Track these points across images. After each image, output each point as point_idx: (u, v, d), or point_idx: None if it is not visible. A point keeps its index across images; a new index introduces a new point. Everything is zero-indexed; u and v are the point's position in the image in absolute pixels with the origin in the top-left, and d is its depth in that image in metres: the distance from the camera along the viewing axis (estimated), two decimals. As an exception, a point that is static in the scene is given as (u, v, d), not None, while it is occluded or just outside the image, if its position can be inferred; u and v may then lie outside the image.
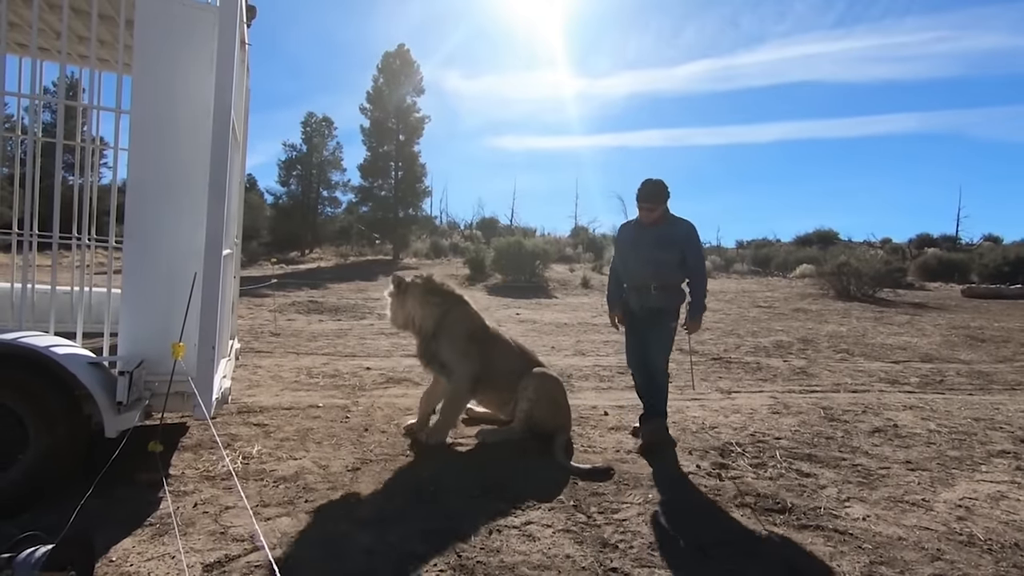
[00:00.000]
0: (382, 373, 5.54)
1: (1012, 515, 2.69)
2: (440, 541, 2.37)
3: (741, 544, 2.38)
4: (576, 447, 3.58)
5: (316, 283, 14.82)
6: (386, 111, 23.70)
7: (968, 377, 5.92)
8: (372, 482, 2.96)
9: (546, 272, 17.33)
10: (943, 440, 3.83)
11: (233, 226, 3.59)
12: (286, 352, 6.52)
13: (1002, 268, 19.64)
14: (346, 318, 9.62)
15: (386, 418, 4.06)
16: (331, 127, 26.79)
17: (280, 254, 22.23)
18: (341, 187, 26.98)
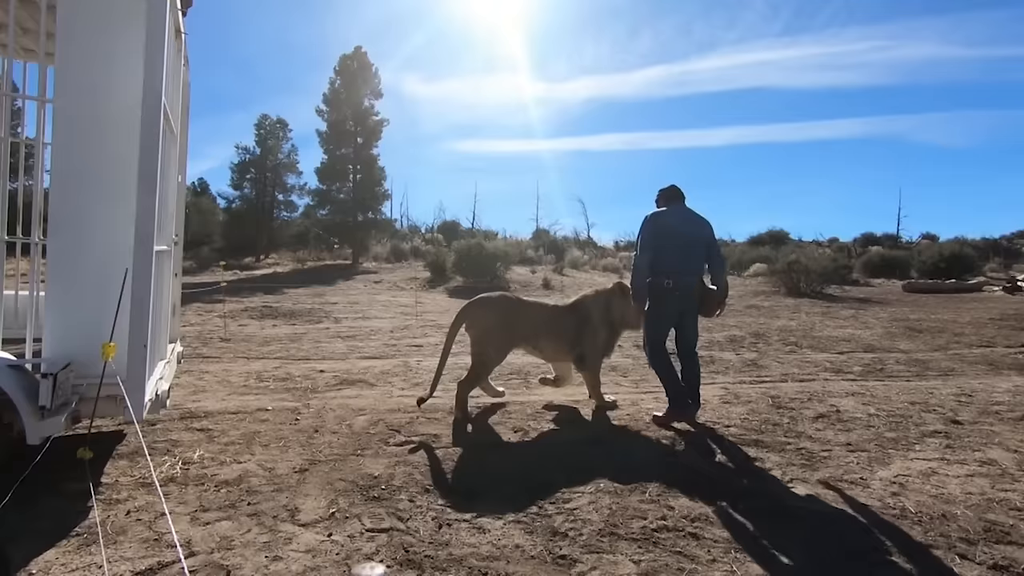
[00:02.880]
0: (336, 375, 5.42)
1: (940, 489, 2.82)
2: (387, 538, 2.32)
3: (687, 527, 2.42)
4: (531, 441, 3.58)
5: (271, 288, 14.43)
6: (344, 114, 23.33)
7: (906, 365, 6.20)
8: (320, 483, 2.88)
9: (507, 274, 17.36)
10: (881, 423, 3.99)
11: (170, 223, 3.45)
12: (236, 357, 6.31)
13: (939, 264, 20.70)
14: (301, 322, 9.39)
15: (338, 419, 3.96)
16: (286, 129, 26.22)
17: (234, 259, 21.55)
18: (297, 190, 26.43)
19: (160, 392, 2.92)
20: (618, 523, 2.45)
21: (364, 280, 17.45)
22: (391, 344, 7.40)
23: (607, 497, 2.72)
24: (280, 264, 22.78)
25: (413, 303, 11.87)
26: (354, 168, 23.48)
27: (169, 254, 3.54)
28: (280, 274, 19.20)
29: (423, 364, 6.04)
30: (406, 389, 4.94)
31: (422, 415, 4.08)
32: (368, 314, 10.74)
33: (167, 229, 3.33)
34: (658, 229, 4.03)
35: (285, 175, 26.28)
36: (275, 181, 26.04)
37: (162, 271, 3.23)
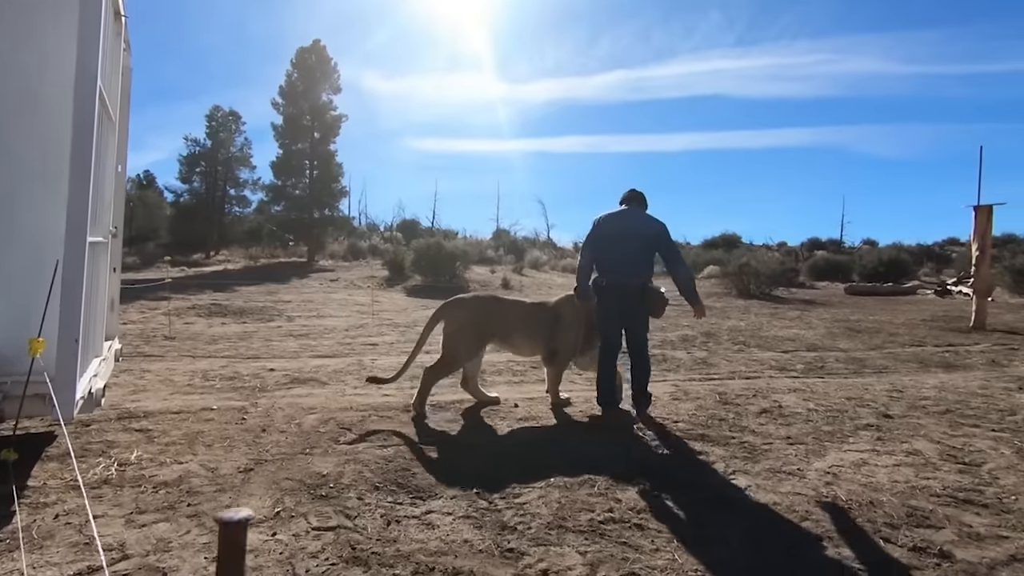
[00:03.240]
0: (287, 374, 5.29)
1: (870, 478, 2.98)
2: (334, 536, 2.29)
3: (633, 519, 2.48)
4: (484, 438, 3.59)
5: (221, 285, 13.94)
6: (300, 108, 22.75)
7: (845, 363, 6.51)
8: (266, 482, 2.81)
9: (467, 273, 17.30)
10: (819, 417, 4.18)
11: (107, 213, 3.29)
12: (180, 355, 6.08)
13: (878, 268, 21.83)
14: (252, 321, 9.12)
15: (287, 418, 3.87)
16: (239, 122, 25.38)
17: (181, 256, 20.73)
18: (251, 185, 25.61)
19: (94, 390, 2.79)
20: (566, 516, 2.49)
21: (320, 278, 17.07)
22: (345, 343, 7.27)
23: (557, 491, 2.76)
24: (231, 261, 22.04)
25: (370, 302, 11.69)
26: (311, 164, 22.92)
27: (106, 246, 3.39)
28: (231, 271, 18.57)
29: (378, 363, 5.96)
30: (359, 388, 4.87)
31: (375, 413, 4.03)
32: (323, 312, 10.52)
33: (103, 220, 3.18)
34: (597, 231, 4.19)
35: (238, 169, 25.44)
36: (227, 175, 25.17)
37: (97, 264, 3.09)
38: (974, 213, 9.84)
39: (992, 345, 7.78)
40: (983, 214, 9.73)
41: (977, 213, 9.78)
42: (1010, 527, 2.42)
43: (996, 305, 12.31)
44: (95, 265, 2.89)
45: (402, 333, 8.23)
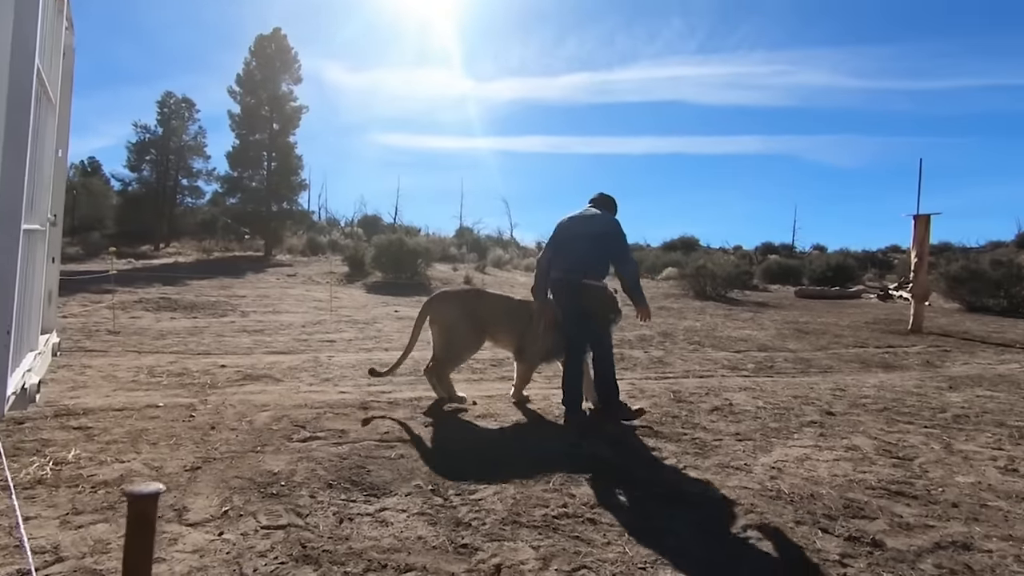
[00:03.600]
0: (239, 370, 5.14)
1: (812, 472, 3.11)
2: (284, 535, 2.24)
3: (587, 513, 2.52)
4: (442, 435, 3.57)
5: (171, 279, 13.42)
6: (259, 98, 22.09)
7: (793, 363, 6.77)
8: (213, 481, 2.72)
9: (429, 271, 17.18)
10: (767, 415, 4.33)
11: (45, 199, 3.13)
12: (125, 351, 5.83)
13: (826, 273, 22.76)
14: (203, 316, 8.82)
15: (238, 415, 3.76)
16: (193, 109, 24.40)
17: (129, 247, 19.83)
18: (205, 176, 24.66)
19: (28, 386, 2.64)
20: (521, 512, 2.51)
21: (277, 273, 16.63)
22: (302, 339, 7.12)
23: (512, 488, 2.77)
24: (182, 254, 21.22)
25: (328, 298, 11.47)
26: (269, 155, 22.30)
27: (43, 235, 3.21)
28: (182, 264, 17.89)
29: (335, 360, 5.86)
30: (315, 385, 4.78)
31: (330, 410, 3.96)
32: (279, 308, 10.27)
33: (40, 207, 3.02)
34: (556, 231, 4.25)
35: (191, 159, 24.46)
36: (179, 164, 24.18)
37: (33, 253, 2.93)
38: (913, 222, 10.37)
39: (927, 347, 8.23)
40: (922, 223, 10.28)
41: (916, 222, 10.32)
42: (936, 517, 2.57)
43: (932, 309, 13.02)
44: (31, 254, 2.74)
45: (361, 330, 8.11)
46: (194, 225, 24.35)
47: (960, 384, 5.64)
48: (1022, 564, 2.16)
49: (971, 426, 4.13)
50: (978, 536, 2.38)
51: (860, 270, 25.73)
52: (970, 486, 2.95)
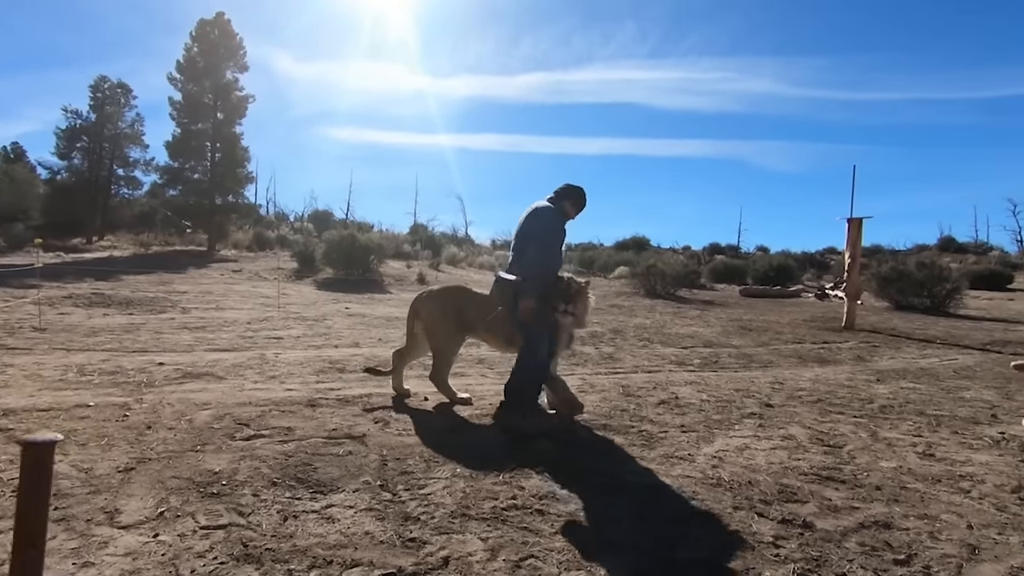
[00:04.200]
0: (178, 368, 4.93)
1: (750, 461, 3.26)
2: (224, 534, 2.17)
3: (535, 505, 2.55)
4: (392, 432, 3.54)
5: (104, 274, 12.71)
6: (202, 85, 21.17)
7: (736, 358, 7.04)
8: (149, 482, 2.61)
9: (381, 268, 16.92)
10: (711, 407, 4.49)
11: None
12: (52, 348, 5.49)
13: (769, 273, 23.79)
14: (140, 312, 8.40)
15: (176, 414, 3.61)
16: (129, 95, 23.19)
17: (58, 239, 18.64)
18: (143, 166, 23.49)
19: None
20: (470, 505, 2.52)
21: (221, 268, 16.00)
22: (247, 336, 6.88)
23: (462, 481, 2.78)
24: (118, 247, 20.12)
25: (276, 294, 11.12)
26: (213, 146, 21.41)
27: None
28: (117, 258, 16.96)
29: (282, 357, 5.70)
30: (260, 382, 4.63)
31: (276, 408, 3.85)
32: (223, 304, 9.89)
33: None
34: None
35: (127, 147, 23.23)
36: (114, 153, 22.90)
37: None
38: (847, 225, 10.96)
39: (859, 343, 8.72)
40: (854, 226, 10.87)
41: (850, 225, 10.91)
42: (861, 499, 2.74)
43: (864, 308, 13.79)
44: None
45: (310, 327, 7.91)
46: (131, 217, 23.15)
47: (886, 377, 6.01)
48: (935, 540, 2.34)
49: (895, 415, 4.41)
50: (898, 516, 2.55)
51: (800, 270, 27.03)
52: (892, 470, 3.16)
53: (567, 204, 3.94)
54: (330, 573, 1.96)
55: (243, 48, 21.91)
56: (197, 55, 21.24)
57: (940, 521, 2.51)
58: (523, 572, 2.01)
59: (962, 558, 2.19)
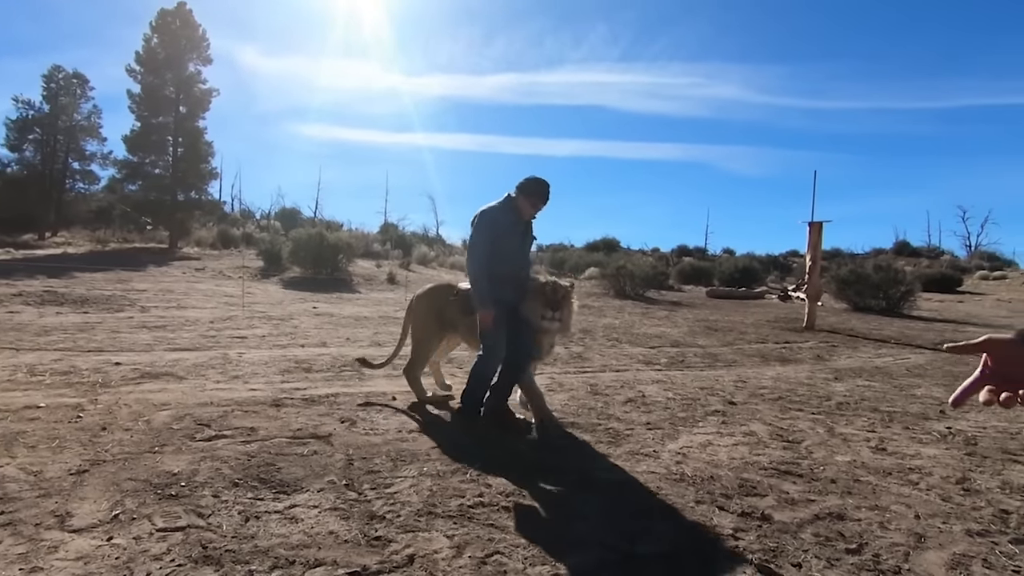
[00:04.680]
0: (136, 368, 4.78)
1: (713, 456, 3.33)
2: (182, 536, 2.12)
3: (502, 502, 2.56)
4: (359, 431, 3.50)
5: (58, 271, 12.21)
6: (163, 77, 20.53)
7: (702, 357, 7.19)
8: (103, 484, 2.52)
9: (350, 267, 16.70)
10: (676, 405, 4.58)
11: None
12: (1, 348, 5.24)
13: (734, 275, 24.35)
14: (96, 311, 8.10)
15: (133, 415, 3.50)
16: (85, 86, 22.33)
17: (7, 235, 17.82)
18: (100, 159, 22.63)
19: None
20: (436, 503, 2.51)
21: (183, 267, 15.55)
22: (209, 335, 6.71)
23: (429, 480, 2.77)
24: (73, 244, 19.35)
25: (241, 293, 10.87)
26: (175, 140, 20.79)
27: None
28: (72, 255, 16.31)
29: (246, 356, 5.58)
30: (223, 382, 4.52)
31: (238, 408, 3.77)
32: (185, 303, 9.62)
33: None
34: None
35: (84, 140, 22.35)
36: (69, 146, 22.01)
37: None
38: (808, 229, 11.31)
39: (818, 343, 9.01)
40: (815, 230, 11.22)
41: (810, 229, 11.26)
42: (817, 492, 2.83)
43: (824, 309, 14.24)
44: None
45: (276, 326, 7.76)
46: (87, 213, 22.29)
47: (844, 375, 6.23)
48: (885, 530, 2.43)
49: (851, 412, 4.57)
50: (851, 507, 2.65)
51: (764, 272, 27.74)
52: (847, 464, 3.27)
53: (520, 198, 3.71)
54: (292, 573, 1.93)
55: (207, 40, 21.36)
56: (157, 46, 20.60)
57: (890, 512, 2.61)
58: (488, 569, 2.02)
59: (909, 546, 2.29)
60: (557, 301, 3.57)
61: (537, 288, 3.62)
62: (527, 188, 3.71)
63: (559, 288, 3.65)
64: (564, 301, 3.63)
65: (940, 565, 2.15)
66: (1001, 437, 3.93)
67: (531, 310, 3.56)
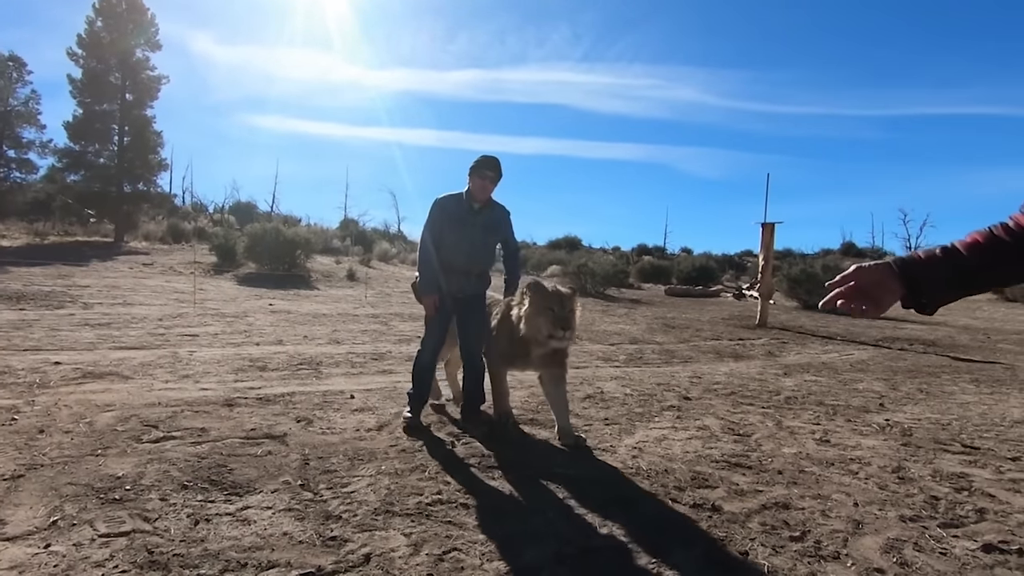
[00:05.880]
0: (78, 367, 4.56)
1: (668, 450, 3.42)
2: (127, 542, 2.04)
3: (460, 499, 2.57)
4: (316, 430, 3.44)
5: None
6: (107, 63, 19.54)
7: (659, 354, 7.35)
8: (40, 490, 2.40)
9: (309, 263, 16.33)
10: (633, 401, 4.68)
11: None
12: (-75, 347, 4.92)
13: (692, 273, 24.99)
14: (34, 307, 7.68)
15: (74, 417, 3.34)
16: (22, 69, 20.97)
17: (-67, 227, 16.66)
18: (38, 148, 21.30)
19: None
20: (394, 501, 2.50)
21: (130, 261, 14.88)
22: (158, 333, 6.45)
23: (387, 478, 2.75)
24: (7, 236, 18.23)
25: (192, 289, 10.49)
26: (121, 129, 19.83)
27: None
28: (7, 248, 15.37)
29: (197, 355, 5.39)
30: (172, 382, 4.37)
31: (188, 408, 3.65)
32: (132, 300, 9.22)
33: None
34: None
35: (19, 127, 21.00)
36: (4, 133, 20.70)
37: None
38: (761, 229, 11.70)
39: (770, 339, 9.34)
40: (767, 230, 11.62)
41: (763, 229, 11.65)
42: (764, 483, 2.95)
43: (776, 307, 14.77)
44: None
45: (229, 323, 7.53)
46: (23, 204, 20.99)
47: (793, 371, 6.48)
48: (826, 517, 2.56)
49: (798, 406, 4.76)
50: (795, 497, 2.77)
51: (720, 271, 28.55)
52: (793, 456, 3.42)
53: (470, 180, 3.57)
54: (244, 576, 1.89)
55: (155, 25, 20.42)
56: (102, 29, 19.58)
57: (831, 500, 2.75)
58: (446, 565, 2.02)
59: (848, 532, 2.41)
60: (566, 317, 3.16)
61: (540, 303, 3.19)
62: (472, 165, 3.58)
63: (566, 300, 3.22)
64: (572, 315, 3.25)
65: (875, 549, 2.28)
66: (933, 428, 4.17)
67: (535, 328, 3.16)
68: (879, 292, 1.11)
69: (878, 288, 1.11)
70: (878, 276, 1.11)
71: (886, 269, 1.11)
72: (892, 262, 1.11)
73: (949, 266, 1.07)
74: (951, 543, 2.36)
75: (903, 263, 1.11)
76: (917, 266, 1.09)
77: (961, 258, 1.07)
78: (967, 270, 1.06)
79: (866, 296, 1.12)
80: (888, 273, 1.11)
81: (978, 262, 1.05)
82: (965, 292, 1.08)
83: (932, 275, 1.08)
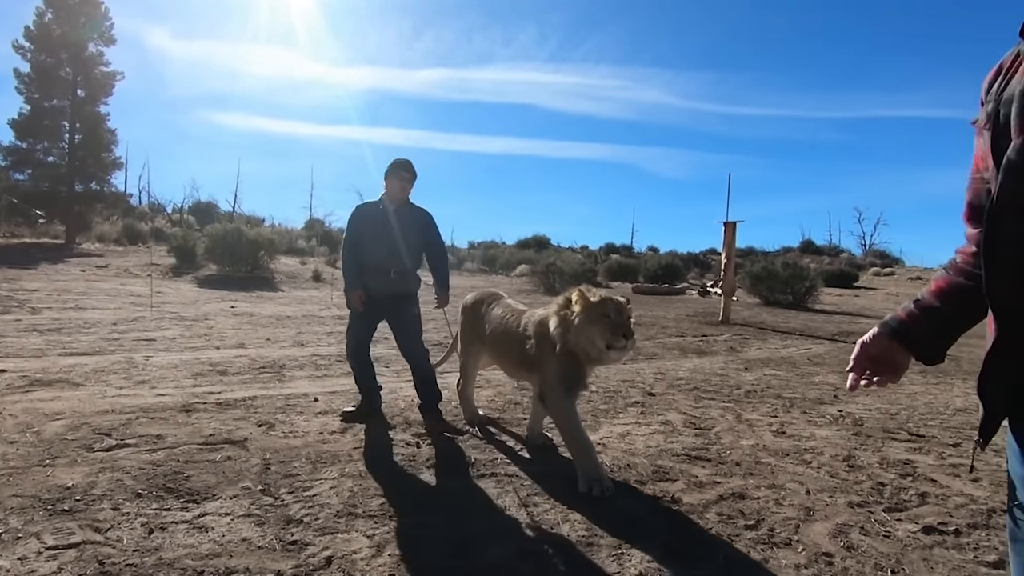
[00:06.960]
0: (24, 375, 4.37)
1: (631, 445, 3.49)
2: (76, 553, 1.98)
3: (422, 498, 2.57)
4: (278, 434, 3.38)
5: (-70, 269, 10.91)
6: (57, 56, 18.75)
7: (625, 351, 7.46)
8: (-18, 503, 2.30)
9: (273, 264, 16.00)
10: (599, 398, 4.74)
11: None
12: None
13: (658, 271, 25.38)
14: (-23, 312, 7.32)
15: (20, 426, 3.21)
16: (-35, 63, 19.97)
17: None
18: (-18, 145, 20.33)
19: None
20: (357, 503, 2.48)
21: (83, 264, 14.31)
22: (112, 338, 6.24)
23: (350, 480, 2.73)
24: (-51, 239, 17.32)
25: (149, 292, 10.16)
26: (72, 126, 19.06)
27: None
28: (-52, 251, 14.61)
29: (154, 360, 5.23)
30: (126, 388, 4.23)
31: (144, 415, 3.55)
32: (83, 304, 8.87)
33: None
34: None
35: (-38, 123, 20.03)
36: (-56, 129, 19.66)
37: None
38: (724, 228, 11.99)
39: (732, 335, 9.58)
40: (729, 229, 11.91)
41: (725, 228, 11.94)
42: (722, 474, 3.04)
43: (738, 304, 15.14)
44: None
45: (188, 327, 7.32)
46: (-34, 204, 19.97)
47: (753, 365, 6.67)
48: (780, 506, 2.65)
49: (757, 399, 4.91)
50: (751, 487, 2.86)
51: (686, 269, 29.07)
52: (751, 447, 3.53)
53: (386, 183, 3.76)
54: (201, 584, 1.85)
55: (109, 19, 19.70)
56: (52, 22, 18.79)
57: (785, 489, 2.85)
58: (409, 565, 2.02)
59: (800, 519, 2.51)
60: (624, 323, 2.86)
61: (593, 312, 2.86)
62: (388, 168, 3.76)
63: (623, 308, 2.93)
64: (629, 324, 2.92)
65: (825, 535, 2.38)
66: (883, 418, 4.36)
67: (589, 338, 2.83)
68: (891, 355, 1.14)
69: (888, 352, 1.14)
70: (885, 343, 1.14)
71: (882, 339, 1.14)
72: (882, 332, 1.14)
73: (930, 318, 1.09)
74: (894, 526, 2.48)
75: (892, 330, 1.13)
76: (903, 328, 1.12)
77: (935, 309, 1.09)
78: (948, 316, 1.08)
79: (883, 364, 1.15)
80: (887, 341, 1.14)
81: (952, 306, 1.07)
82: (958, 333, 1.10)
83: (919, 331, 1.10)
